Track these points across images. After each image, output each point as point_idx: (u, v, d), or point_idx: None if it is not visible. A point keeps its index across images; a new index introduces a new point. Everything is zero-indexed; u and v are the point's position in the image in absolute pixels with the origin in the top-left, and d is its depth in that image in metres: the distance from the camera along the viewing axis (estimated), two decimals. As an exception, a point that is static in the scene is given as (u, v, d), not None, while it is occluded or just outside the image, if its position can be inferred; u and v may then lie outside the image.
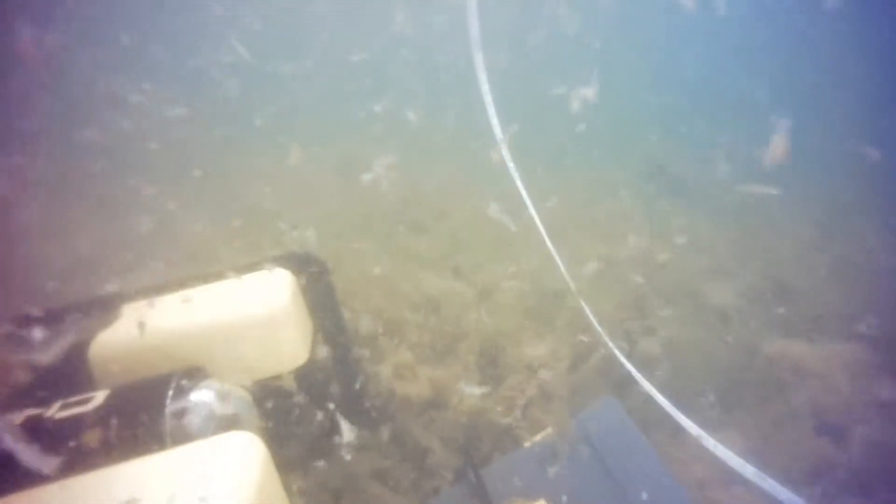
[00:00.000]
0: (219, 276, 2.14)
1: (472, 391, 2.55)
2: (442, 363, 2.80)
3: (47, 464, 1.37)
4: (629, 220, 4.63)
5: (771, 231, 4.52)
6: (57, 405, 1.52)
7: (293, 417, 2.21)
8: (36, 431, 1.42)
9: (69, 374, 1.69)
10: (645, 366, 2.89)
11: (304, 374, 2.14)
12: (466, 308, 3.33)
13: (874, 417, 2.58)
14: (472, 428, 2.50)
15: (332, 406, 2.28)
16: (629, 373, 2.79)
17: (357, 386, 2.40)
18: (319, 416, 2.29)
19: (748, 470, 2.29)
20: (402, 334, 2.95)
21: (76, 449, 1.38)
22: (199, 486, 1.23)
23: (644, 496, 2.18)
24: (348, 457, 2.21)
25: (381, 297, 3.20)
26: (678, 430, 2.59)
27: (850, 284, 3.57)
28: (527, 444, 2.41)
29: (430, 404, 2.56)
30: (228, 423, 1.60)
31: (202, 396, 1.59)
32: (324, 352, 2.33)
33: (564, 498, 2.18)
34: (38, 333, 1.85)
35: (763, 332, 3.13)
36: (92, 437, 1.39)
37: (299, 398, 2.15)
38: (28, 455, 1.34)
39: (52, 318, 1.94)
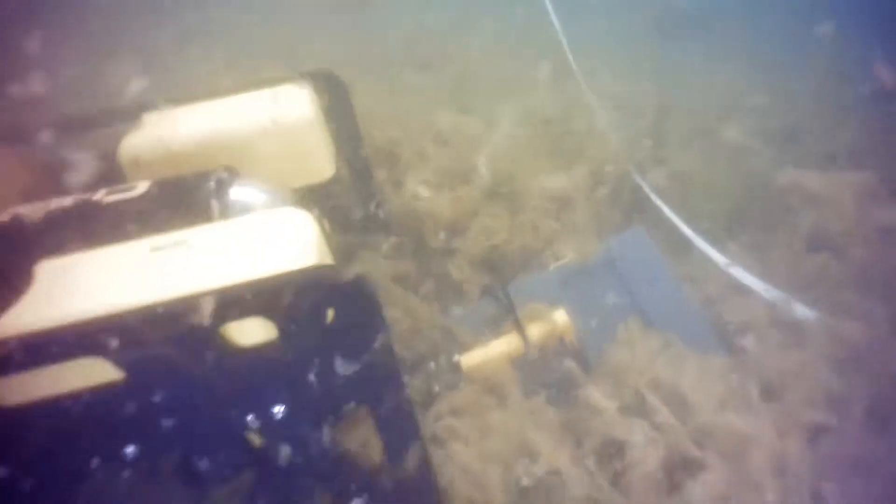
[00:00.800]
0: (240, 90, 2.10)
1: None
2: (459, 189, 2.84)
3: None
4: (644, 61, 4.45)
5: (785, 70, 4.38)
6: (102, 192, 1.54)
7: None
8: (89, 212, 1.47)
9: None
10: (654, 193, 2.96)
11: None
12: (478, 141, 3.30)
13: (876, 239, 2.70)
14: (496, 250, 2.60)
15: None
16: (644, 201, 2.87)
17: (377, 201, 2.47)
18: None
19: (756, 283, 2.45)
20: (416, 162, 2.96)
21: (130, 226, 1.43)
22: (260, 244, 1.28)
23: (660, 311, 2.33)
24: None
25: (389, 129, 3.15)
26: (687, 252, 2.73)
27: (864, 122, 3.54)
28: (551, 267, 2.53)
29: (451, 225, 2.64)
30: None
31: (244, 188, 1.62)
32: (345, 169, 2.35)
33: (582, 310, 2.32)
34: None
35: (775, 166, 3.16)
36: (145, 215, 1.43)
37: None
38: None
39: (71, 126, 1.93)
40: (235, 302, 1.08)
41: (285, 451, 1.33)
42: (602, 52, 4.52)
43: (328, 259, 1.33)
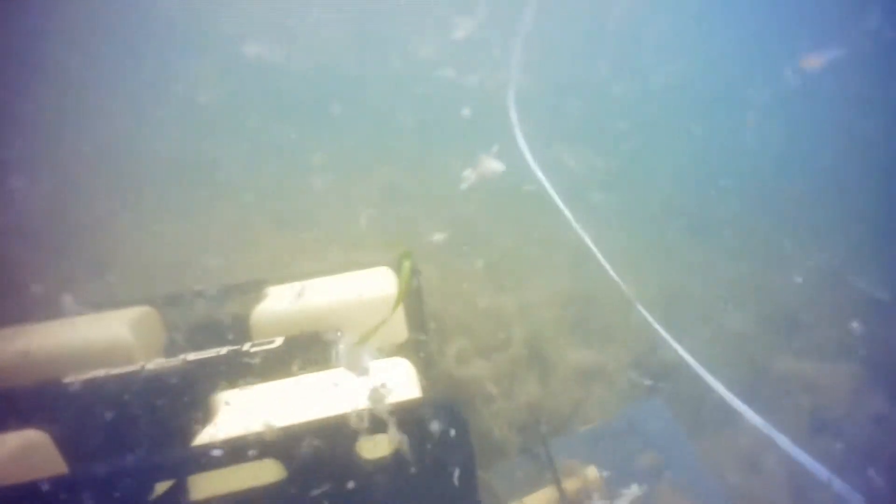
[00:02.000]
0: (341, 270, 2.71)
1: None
2: (497, 358, 3.30)
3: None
4: (649, 256, 5.13)
5: (782, 266, 5.01)
6: (248, 345, 2.04)
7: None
8: (237, 360, 1.95)
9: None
10: (662, 373, 3.38)
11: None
12: (511, 319, 3.83)
13: (870, 427, 3.04)
14: (531, 414, 2.98)
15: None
16: (660, 376, 3.28)
17: (431, 368, 2.91)
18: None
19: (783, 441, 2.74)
20: (460, 332, 3.46)
21: (271, 370, 1.90)
22: (383, 382, 1.70)
23: (679, 474, 2.63)
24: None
25: (440, 303, 3.71)
26: (706, 423, 3.07)
27: (854, 315, 4.03)
28: (581, 430, 2.90)
29: (490, 389, 3.05)
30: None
31: (348, 344, 2.12)
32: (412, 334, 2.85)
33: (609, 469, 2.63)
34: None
35: (775, 354, 3.61)
36: (283, 361, 1.92)
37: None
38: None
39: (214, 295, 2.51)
40: (372, 421, 1.50)
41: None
42: (621, 245, 5.25)
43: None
